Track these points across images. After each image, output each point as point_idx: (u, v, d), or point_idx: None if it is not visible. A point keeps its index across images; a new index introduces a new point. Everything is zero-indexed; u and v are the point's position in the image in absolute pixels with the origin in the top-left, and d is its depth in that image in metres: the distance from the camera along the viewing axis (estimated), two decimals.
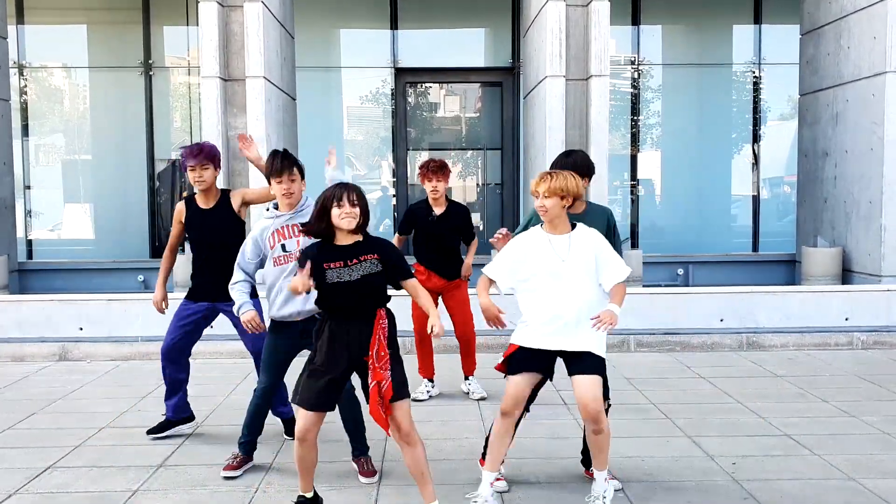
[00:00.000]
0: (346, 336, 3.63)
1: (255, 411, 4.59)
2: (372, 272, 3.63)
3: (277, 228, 4.31)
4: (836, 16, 9.56)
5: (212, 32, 8.71)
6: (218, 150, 5.00)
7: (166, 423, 5.25)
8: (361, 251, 3.64)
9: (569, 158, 4.37)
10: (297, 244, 4.26)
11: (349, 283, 3.59)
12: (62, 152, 12.47)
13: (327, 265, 3.60)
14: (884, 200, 8.72)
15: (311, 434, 3.70)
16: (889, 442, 5.05)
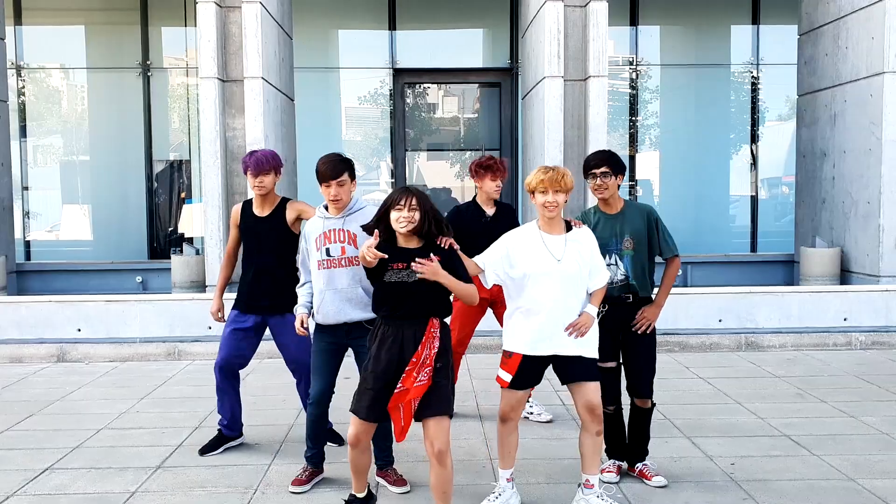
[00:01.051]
0: (399, 340, 3.57)
1: (313, 421, 4.39)
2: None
3: (325, 231, 4.21)
4: (835, 16, 9.57)
5: (210, 33, 8.71)
6: (280, 158, 4.89)
7: (220, 439, 5.05)
8: (424, 254, 3.55)
9: (599, 154, 4.39)
10: (342, 251, 4.17)
11: (406, 285, 3.54)
12: (60, 153, 12.46)
13: (390, 265, 3.56)
14: (882, 200, 8.72)
15: (363, 440, 3.72)
16: (888, 442, 5.05)
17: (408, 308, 3.57)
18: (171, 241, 11.84)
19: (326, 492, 4.32)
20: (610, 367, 4.35)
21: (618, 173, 4.34)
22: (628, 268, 4.33)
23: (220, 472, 4.62)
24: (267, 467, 4.71)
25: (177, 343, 7.89)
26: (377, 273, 3.58)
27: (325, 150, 13.47)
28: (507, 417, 3.97)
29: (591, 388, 3.84)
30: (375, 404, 3.62)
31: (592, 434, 3.88)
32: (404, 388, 3.52)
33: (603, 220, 4.36)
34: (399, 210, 3.52)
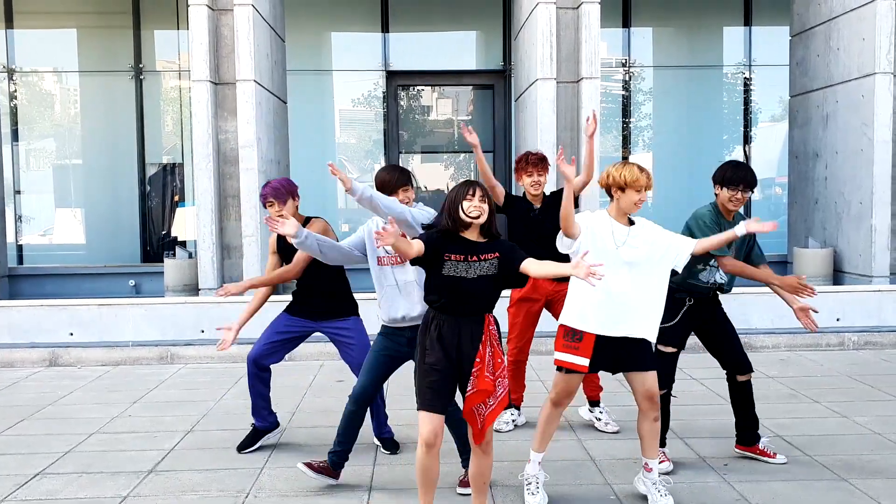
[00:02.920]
0: (456, 335, 3.55)
1: (350, 418, 4.36)
2: (489, 274, 3.56)
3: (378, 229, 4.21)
4: (826, 17, 9.60)
5: (202, 36, 8.70)
6: (293, 182, 4.95)
7: (254, 434, 5.10)
8: (485, 249, 3.58)
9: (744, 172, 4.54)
10: None
11: (463, 280, 3.53)
12: (53, 157, 12.43)
13: (447, 256, 3.54)
14: (874, 201, 8.75)
15: (440, 435, 3.53)
16: (880, 442, 5.06)
17: (464, 304, 3.55)
18: (164, 245, 11.81)
19: (321, 495, 4.29)
20: (671, 351, 4.56)
21: (754, 189, 4.57)
22: (726, 273, 4.55)
23: (213, 476, 4.60)
24: (259, 471, 4.69)
25: (169, 347, 7.87)
26: (433, 263, 3.55)
27: (318, 152, 13.49)
28: (561, 402, 4.05)
29: (651, 376, 3.99)
30: (439, 395, 3.57)
31: (651, 420, 4.02)
32: (477, 389, 3.51)
33: (721, 225, 4.51)
34: (470, 200, 3.53)
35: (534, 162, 5.39)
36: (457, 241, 3.58)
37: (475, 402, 3.53)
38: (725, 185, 4.52)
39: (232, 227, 9.11)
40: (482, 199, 3.55)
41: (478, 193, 3.55)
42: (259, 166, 8.66)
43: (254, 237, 8.63)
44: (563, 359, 3.99)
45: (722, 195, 4.54)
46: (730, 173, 4.53)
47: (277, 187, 4.84)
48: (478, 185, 3.58)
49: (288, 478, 4.51)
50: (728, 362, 4.70)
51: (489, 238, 3.63)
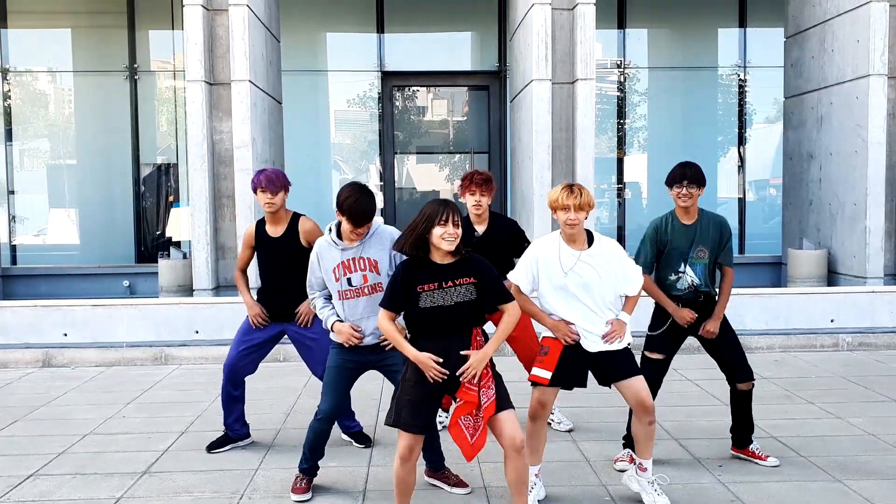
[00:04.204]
0: (441, 354, 3.48)
1: (318, 436, 4.31)
2: (466, 300, 3.48)
3: (343, 261, 4.08)
4: (820, 19, 9.62)
5: (197, 36, 8.68)
6: (287, 177, 4.93)
7: (226, 438, 5.11)
8: (458, 273, 3.48)
9: (687, 169, 4.55)
10: (364, 279, 4.06)
11: (442, 308, 3.45)
12: (47, 157, 12.39)
13: (421, 287, 3.46)
14: (868, 202, 8.77)
15: (415, 453, 3.57)
16: (875, 443, 5.07)
17: (448, 326, 3.49)
18: (158, 245, 11.79)
19: (316, 497, 4.29)
20: (658, 358, 4.59)
21: (701, 186, 4.56)
22: (700, 275, 4.58)
23: (207, 478, 4.59)
24: (254, 472, 4.68)
25: (164, 347, 7.84)
26: (408, 300, 3.48)
27: (313, 152, 13.45)
28: (537, 416, 4.05)
29: (636, 382, 3.98)
30: (419, 415, 3.54)
31: (645, 424, 4.02)
32: (462, 401, 3.48)
33: (679, 228, 4.58)
34: (444, 226, 3.43)
35: (478, 182, 5.14)
36: (426, 268, 3.50)
37: (459, 415, 3.50)
38: (670, 184, 4.59)
39: (227, 227, 9.10)
40: (456, 224, 3.44)
41: (451, 218, 3.43)
42: (254, 167, 8.64)
43: None
44: (532, 373, 4.05)
45: (672, 196, 4.60)
46: (672, 172, 4.59)
47: (272, 178, 4.81)
48: (450, 209, 3.44)
49: (282, 479, 4.51)
50: (727, 370, 4.71)
51: (458, 256, 3.53)
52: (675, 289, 4.60)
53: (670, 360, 4.70)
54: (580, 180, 8.94)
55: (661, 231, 4.58)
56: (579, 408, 5.72)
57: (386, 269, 4.06)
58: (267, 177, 4.81)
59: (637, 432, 4.09)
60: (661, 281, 4.63)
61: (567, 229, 3.93)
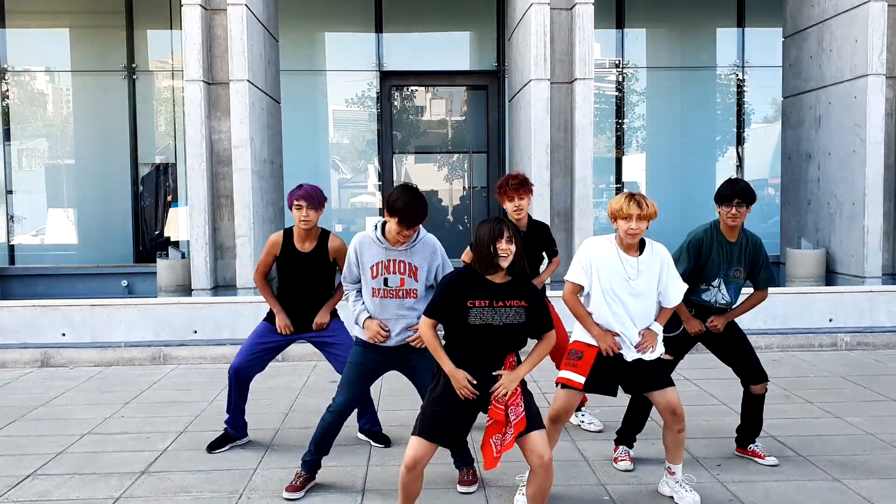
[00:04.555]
0: (476, 371, 3.46)
1: (327, 429, 4.31)
2: (516, 322, 3.45)
3: (384, 260, 4.09)
4: (819, 19, 9.63)
5: (195, 36, 8.67)
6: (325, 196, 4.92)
7: (226, 437, 5.11)
8: (510, 294, 3.46)
9: (737, 186, 4.50)
10: (401, 282, 4.09)
11: (491, 327, 3.41)
12: (45, 157, 12.38)
13: (472, 302, 3.41)
14: (866, 202, 8.78)
15: (421, 464, 3.52)
16: (873, 442, 5.07)
17: (491, 346, 3.47)
18: (156, 245, 11.78)
19: (314, 497, 4.29)
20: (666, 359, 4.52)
21: (751, 204, 4.50)
22: (731, 294, 4.61)
23: (205, 477, 4.59)
24: (252, 472, 4.68)
25: (162, 347, 7.84)
26: (456, 314, 3.44)
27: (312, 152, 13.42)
28: (560, 419, 4.07)
29: (669, 392, 4.03)
30: (444, 427, 3.53)
31: (675, 431, 4.08)
32: (493, 420, 3.46)
33: (721, 244, 4.55)
34: (499, 242, 3.40)
35: (514, 186, 5.18)
36: (479, 284, 3.46)
37: (491, 434, 3.48)
38: (720, 202, 4.53)
39: (225, 227, 9.09)
40: (509, 241, 3.41)
41: (505, 234, 3.41)
42: (252, 166, 8.64)
43: (247, 237, 8.62)
44: (562, 375, 4.05)
45: (720, 213, 4.55)
46: (723, 190, 4.53)
47: (312, 194, 4.78)
48: (505, 224, 3.44)
49: (281, 479, 4.50)
50: (740, 373, 4.72)
51: (514, 276, 3.50)
52: (700, 298, 4.62)
53: (678, 362, 4.72)
54: (578, 180, 8.94)
55: (705, 244, 4.55)
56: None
57: (424, 277, 4.11)
58: (307, 193, 4.76)
59: (667, 439, 4.15)
60: (690, 288, 4.58)
61: (628, 239, 3.91)
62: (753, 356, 4.68)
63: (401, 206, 3.89)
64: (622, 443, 4.75)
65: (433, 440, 3.52)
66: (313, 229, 4.89)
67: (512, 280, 3.49)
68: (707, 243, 4.55)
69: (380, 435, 5.18)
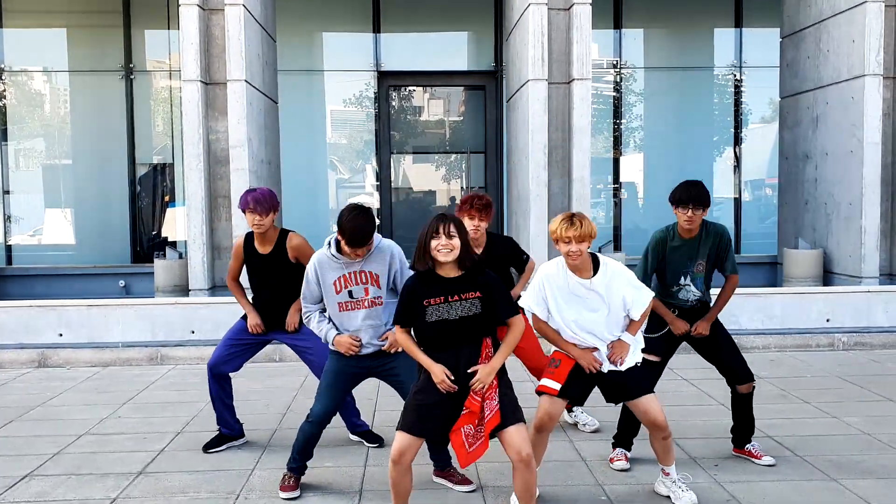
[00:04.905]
0: (453, 360, 3.51)
1: (308, 439, 4.33)
2: (470, 314, 3.49)
3: (345, 274, 4.14)
4: (816, 19, 9.63)
5: (192, 36, 8.66)
6: (276, 196, 4.94)
7: (220, 438, 5.13)
8: (464, 287, 3.51)
9: (692, 191, 4.50)
10: (366, 292, 4.15)
11: (447, 322, 3.48)
12: (42, 157, 12.36)
13: (427, 301, 3.50)
14: (864, 202, 8.78)
15: (406, 457, 3.55)
16: (870, 442, 5.08)
17: (454, 339, 3.51)
18: (154, 245, 11.77)
19: (312, 497, 4.29)
20: (654, 360, 4.59)
21: (706, 207, 4.52)
22: (700, 288, 4.64)
23: (203, 478, 4.59)
24: (250, 472, 4.68)
25: (159, 347, 7.83)
26: (415, 316, 3.52)
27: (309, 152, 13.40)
28: (544, 427, 4.06)
29: (646, 401, 4.00)
30: (426, 420, 3.56)
31: (659, 440, 4.10)
32: (469, 410, 3.49)
33: (679, 244, 4.59)
34: (437, 239, 3.46)
35: (478, 207, 5.10)
36: (433, 282, 3.53)
37: (464, 423, 3.50)
38: (676, 205, 4.53)
39: (222, 227, 9.08)
40: (449, 236, 3.46)
41: (442, 230, 3.46)
42: (250, 166, 8.63)
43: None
44: (541, 383, 4.07)
45: (677, 215, 4.56)
46: (679, 193, 4.53)
47: (260, 199, 4.79)
48: (445, 221, 3.47)
49: (278, 479, 4.49)
50: (724, 373, 4.72)
51: (466, 270, 3.54)
52: (677, 298, 4.66)
53: (666, 363, 4.73)
54: (576, 180, 8.94)
55: (662, 245, 4.60)
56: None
57: (385, 283, 4.15)
58: (255, 198, 4.78)
59: (654, 446, 4.17)
60: (664, 290, 4.66)
61: (569, 261, 3.90)
62: (738, 356, 4.68)
63: (349, 228, 3.94)
64: (619, 446, 4.77)
65: (416, 434, 3.56)
66: (269, 232, 4.92)
67: (464, 273, 3.54)
68: (665, 244, 4.59)
69: (370, 434, 5.19)
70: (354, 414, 5.22)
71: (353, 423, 5.21)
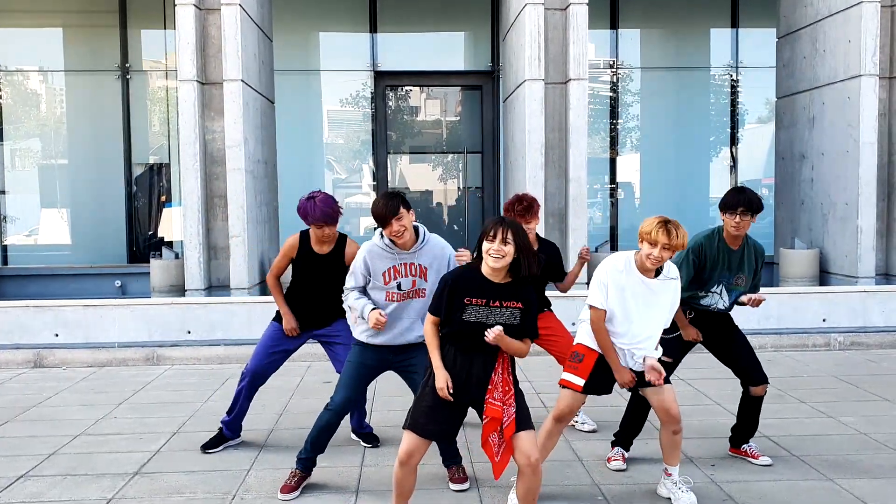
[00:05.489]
0: (467, 369, 3.49)
1: (325, 427, 4.33)
2: (510, 323, 3.44)
3: (395, 265, 4.19)
4: (812, 19, 9.65)
5: (189, 35, 8.65)
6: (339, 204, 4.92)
7: (220, 437, 5.12)
8: (507, 295, 3.45)
9: (743, 195, 4.47)
10: (413, 283, 4.19)
11: (485, 326, 3.40)
12: (38, 157, 12.33)
13: (469, 300, 3.43)
14: (860, 202, 8.79)
15: (414, 458, 3.53)
16: (866, 442, 5.08)
17: (483, 345, 3.46)
18: (150, 245, 11.75)
19: (308, 497, 4.28)
20: (666, 361, 4.53)
21: (757, 213, 4.47)
22: (731, 300, 4.61)
23: (199, 478, 4.58)
24: (246, 473, 4.67)
25: (155, 348, 7.82)
26: (454, 310, 3.45)
27: (306, 152, 13.41)
28: (564, 419, 4.09)
29: (665, 390, 4.03)
30: (434, 421, 3.54)
31: (670, 432, 4.09)
32: (489, 418, 3.47)
33: (725, 252, 4.53)
34: (490, 242, 3.39)
35: (519, 212, 5.06)
36: (478, 283, 3.46)
37: (489, 432, 3.49)
38: (724, 210, 4.50)
39: (219, 227, 9.07)
40: (503, 242, 3.37)
41: (499, 235, 3.37)
42: (246, 166, 8.62)
43: (240, 237, 8.60)
44: (564, 377, 4.08)
45: (725, 220, 4.53)
46: (728, 198, 4.51)
47: (329, 213, 4.75)
48: (503, 226, 3.39)
49: (274, 479, 4.49)
50: (739, 374, 4.72)
51: (515, 278, 3.47)
52: (699, 303, 4.62)
53: (677, 364, 4.72)
54: (573, 180, 8.95)
55: (707, 249, 4.52)
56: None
57: (433, 279, 4.17)
58: (324, 213, 4.73)
59: (663, 440, 4.16)
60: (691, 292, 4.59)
61: (648, 264, 3.86)
62: (754, 358, 4.68)
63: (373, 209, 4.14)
64: (618, 445, 4.76)
65: (424, 435, 3.54)
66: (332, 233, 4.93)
67: (512, 281, 3.48)
68: (709, 250, 4.52)
69: (370, 436, 5.20)
70: (362, 415, 5.22)
71: (360, 424, 5.21)
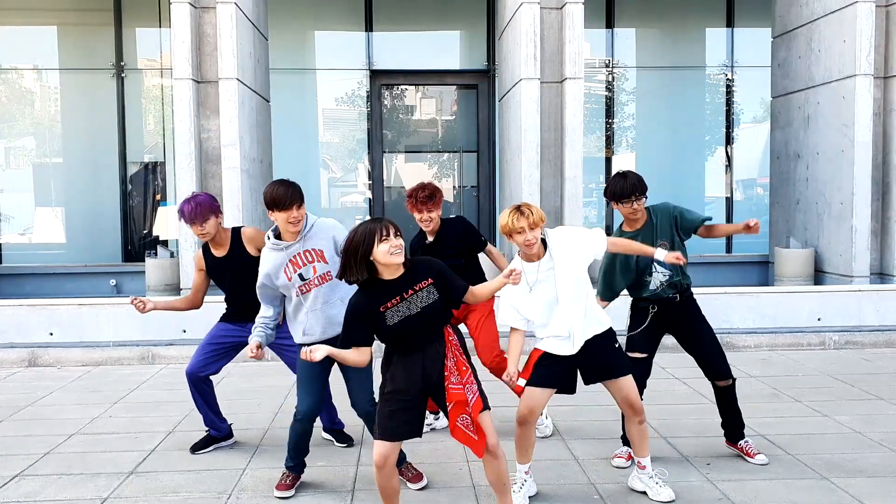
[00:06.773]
0: (420, 360, 3.49)
1: (300, 436, 4.33)
2: (431, 301, 3.45)
3: (290, 259, 4.16)
4: (807, 19, 9.66)
5: (184, 34, 8.63)
6: (214, 199, 4.84)
7: (209, 439, 5.09)
8: (414, 280, 3.46)
9: (627, 181, 4.45)
10: (314, 270, 4.16)
11: (411, 318, 3.42)
12: (33, 155, 12.30)
13: (383, 307, 3.41)
14: (855, 202, 8.82)
15: (390, 460, 3.53)
16: (861, 441, 5.10)
17: (423, 333, 3.47)
18: (145, 244, 11.73)
19: (304, 496, 4.28)
20: (640, 357, 4.58)
21: (644, 194, 4.47)
22: (668, 267, 4.48)
23: (194, 477, 4.57)
24: (241, 472, 4.66)
25: (150, 347, 7.80)
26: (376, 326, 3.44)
27: (301, 151, 13.43)
28: (525, 421, 4.03)
29: (623, 382, 4.00)
30: (400, 422, 3.53)
31: (635, 423, 4.08)
32: (453, 402, 3.47)
33: (632, 237, 4.47)
34: (387, 241, 3.38)
35: (422, 199, 5.04)
36: (380, 288, 3.44)
37: (456, 416, 3.50)
38: (617, 200, 4.47)
39: None
40: (396, 234, 3.40)
41: (390, 231, 3.38)
42: (242, 165, 8.61)
43: None
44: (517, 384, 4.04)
45: (620, 210, 4.51)
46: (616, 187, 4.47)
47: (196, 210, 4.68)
48: (384, 223, 3.40)
49: (270, 479, 4.48)
50: (704, 368, 4.70)
51: (411, 263, 3.50)
52: (649, 290, 4.58)
53: (652, 358, 4.69)
54: (569, 179, 8.96)
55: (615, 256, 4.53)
56: (567, 406, 5.71)
57: (331, 256, 4.17)
58: (190, 211, 4.70)
59: (630, 432, 4.16)
60: (636, 288, 4.61)
61: (527, 250, 3.84)
62: (719, 350, 4.64)
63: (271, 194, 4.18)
64: (627, 444, 4.70)
65: (394, 438, 3.55)
66: (217, 236, 4.84)
67: (407, 270, 3.49)
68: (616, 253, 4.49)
69: (342, 434, 5.15)
70: (332, 411, 5.17)
71: (332, 420, 5.17)
